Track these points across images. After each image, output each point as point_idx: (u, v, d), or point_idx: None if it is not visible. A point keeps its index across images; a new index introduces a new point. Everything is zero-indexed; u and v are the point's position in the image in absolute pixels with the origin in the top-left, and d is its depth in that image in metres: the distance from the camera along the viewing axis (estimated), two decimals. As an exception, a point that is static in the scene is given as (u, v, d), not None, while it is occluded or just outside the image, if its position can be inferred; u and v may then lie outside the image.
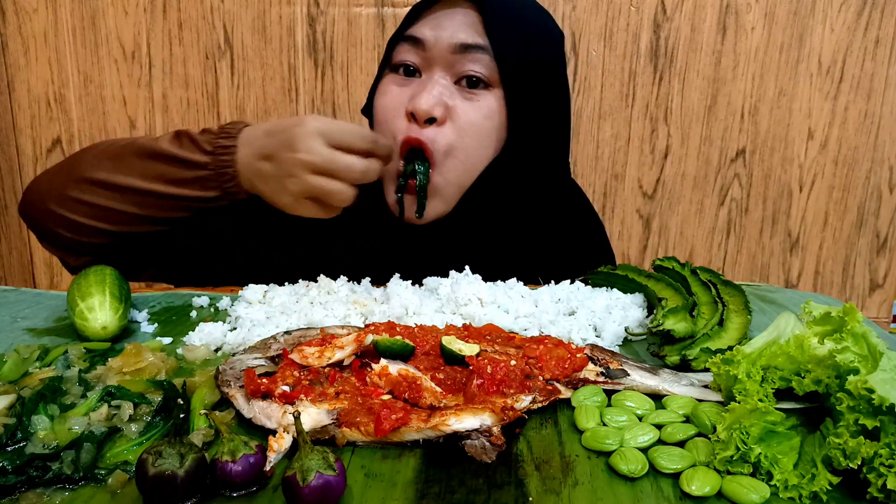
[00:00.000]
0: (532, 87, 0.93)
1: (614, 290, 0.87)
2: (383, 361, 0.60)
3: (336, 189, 0.80)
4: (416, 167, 0.89)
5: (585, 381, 0.63)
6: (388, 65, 0.95)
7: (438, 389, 0.58)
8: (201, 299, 0.86)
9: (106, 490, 0.48)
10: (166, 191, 0.86)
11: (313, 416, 0.54)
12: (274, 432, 0.53)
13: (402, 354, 0.62)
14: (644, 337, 0.77)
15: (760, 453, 0.49)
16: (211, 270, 1.00)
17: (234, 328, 0.76)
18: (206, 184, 0.86)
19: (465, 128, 0.89)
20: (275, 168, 0.82)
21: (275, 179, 0.83)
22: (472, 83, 0.90)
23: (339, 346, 0.62)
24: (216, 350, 0.72)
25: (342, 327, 0.73)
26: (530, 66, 0.93)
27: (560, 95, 0.99)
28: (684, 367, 0.68)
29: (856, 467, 0.47)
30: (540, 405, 0.59)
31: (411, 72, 0.92)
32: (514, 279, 0.88)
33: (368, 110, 1.00)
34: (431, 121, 0.88)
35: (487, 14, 0.89)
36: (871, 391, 0.47)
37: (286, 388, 0.57)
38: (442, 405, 0.56)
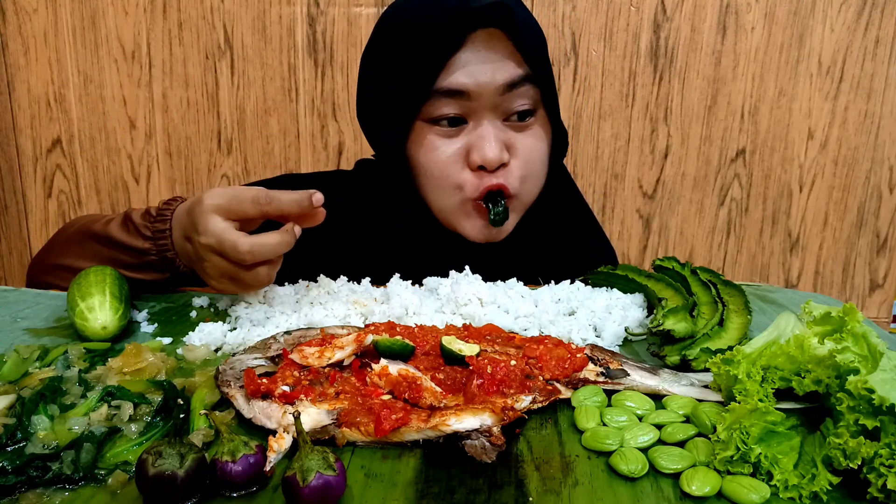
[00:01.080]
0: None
1: (614, 290, 0.87)
2: (383, 361, 0.60)
3: (240, 273, 0.75)
4: (498, 204, 0.91)
5: (585, 381, 0.63)
6: (416, 116, 0.89)
7: (438, 389, 0.58)
8: (201, 299, 0.86)
9: (106, 490, 0.48)
10: (124, 274, 0.83)
11: (313, 416, 0.54)
12: (274, 432, 0.53)
13: (402, 354, 0.62)
14: (644, 337, 0.77)
15: (760, 453, 0.49)
16: None
17: (234, 328, 0.76)
18: (155, 268, 0.85)
19: (528, 158, 0.91)
20: (193, 250, 0.78)
21: (196, 261, 0.80)
22: (521, 116, 0.90)
23: (339, 346, 0.62)
24: (216, 350, 0.72)
25: (342, 327, 0.73)
26: (552, 75, 0.94)
27: None
28: (684, 367, 0.68)
29: (856, 467, 0.47)
30: (540, 405, 0.59)
31: (454, 121, 0.89)
32: (514, 279, 0.89)
33: (387, 154, 0.96)
34: (499, 166, 0.89)
35: (523, 44, 0.87)
36: (871, 391, 0.47)
37: (286, 388, 0.57)
38: (442, 405, 0.56)
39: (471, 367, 0.59)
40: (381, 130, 0.95)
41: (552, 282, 0.91)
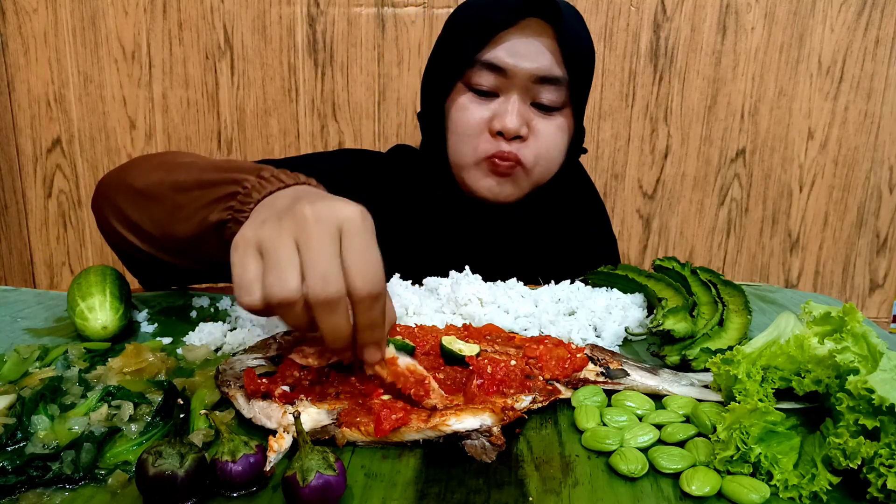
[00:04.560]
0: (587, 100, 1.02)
1: (614, 290, 0.87)
2: (394, 351, 0.58)
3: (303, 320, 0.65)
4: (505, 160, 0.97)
5: (585, 381, 0.63)
6: (459, 79, 0.97)
7: (442, 392, 0.58)
8: (201, 299, 0.86)
9: (106, 490, 0.48)
10: (153, 241, 0.74)
11: (313, 416, 0.54)
12: (274, 432, 0.53)
13: (402, 354, 0.62)
14: (644, 337, 0.77)
15: (760, 453, 0.49)
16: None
17: (234, 328, 0.76)
18: (224, 201, 0.66)
19: (545, 142, 0.97)
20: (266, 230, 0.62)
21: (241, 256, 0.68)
22: (546, 108, 0.96)
23: (340, 346, 0.62)
24: (216, 350, 0.72)
25: (342, 327, 0.73)
26: (589, 86, 1.01)
27: None
28: (684, 367, 0.68)
29: (856, 467, 0.47)
30: (540, 405, 0.59)
31: (487, 92, 0.96)
32: (514, 279, 0.89)
33: (426, 116, 1.02)
34: (516, 137, 0.95)
35: (566, 46, 0.94)
36: (871, 391, 0.47)
37: (286, 388, 0.57)
38: (442, 406, 0.56)
39: (471, 367, 0.59)
40: (430, 88, 1.03)
41: (552, 282, 0.92)
